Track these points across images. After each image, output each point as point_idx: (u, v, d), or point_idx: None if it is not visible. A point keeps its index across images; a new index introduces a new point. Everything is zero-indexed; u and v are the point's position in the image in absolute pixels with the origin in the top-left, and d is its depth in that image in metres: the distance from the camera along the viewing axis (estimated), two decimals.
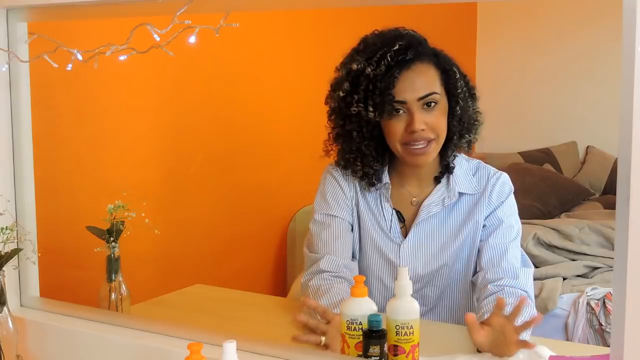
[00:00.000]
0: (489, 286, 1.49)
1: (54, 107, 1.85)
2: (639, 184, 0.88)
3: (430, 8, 3.44)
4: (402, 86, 1.49)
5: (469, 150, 1.63)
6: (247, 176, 2.59)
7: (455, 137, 1.57)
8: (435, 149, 1.53)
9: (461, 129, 1.57)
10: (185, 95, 2.31)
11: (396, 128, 1.51)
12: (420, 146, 1.50)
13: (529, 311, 1.42)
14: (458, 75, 1.55)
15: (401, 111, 1.50)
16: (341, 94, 1.53)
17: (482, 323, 1.30)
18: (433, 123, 1.50)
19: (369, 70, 1.48)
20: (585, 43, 4.09)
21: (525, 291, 1.49)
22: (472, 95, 1.59)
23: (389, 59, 1.48)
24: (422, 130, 1.49)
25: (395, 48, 1.49)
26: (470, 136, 1.59)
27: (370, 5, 2.57)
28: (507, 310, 1.29)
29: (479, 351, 1.33)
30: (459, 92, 1.54)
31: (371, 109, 1.48)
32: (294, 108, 2.78)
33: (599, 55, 4.00)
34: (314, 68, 1.63)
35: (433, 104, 1.50)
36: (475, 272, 1.59)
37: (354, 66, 1.51)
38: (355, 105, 1.50)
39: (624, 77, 0.88)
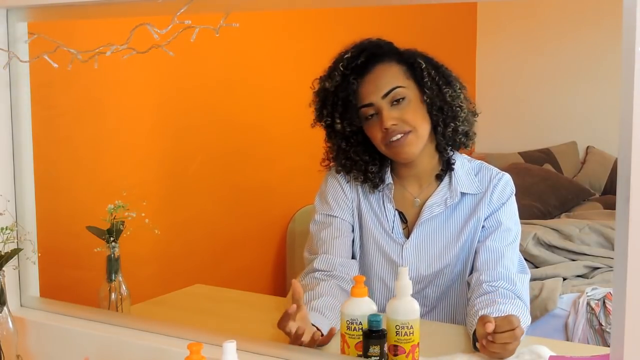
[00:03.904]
0: (483, 285, 1.49)
1: (54, 107, 1.85)
2: (639, 184, 0.88)
3: (430, 8, 3.44)
4: (366, 90, 1.53)
5: (467, 146, 1.61)
6: (246, 176, 2.59)
7: (440, 127, 1.56)
8: (415, 140, 1.53)
9: (444, 117, 1.56)
10: (185, 95, 2.31)
11: (374, 131, 1.54)
12: (396, 138, 1.51)
13: (524, 319, 1.40)
14: (424, 65, 1.55)
15: (373, 114, 1.53)
16: (315, 112, 1.61)
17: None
18: (404, 116, 1.51)
19: (327, 84, 1.56)
20: (585, 43, 4.09)
21: (519, 297, 1.48)
22: (449, 83, 1.57)
23: (341, 68, 1.54)
24: (394, 125, 1.51)
25: (347, 56, 1.55)
26: (457, 125, 1.56)
27: (371, 5, 2.57)
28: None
29: (478, 350, 1.33)
30: (426, 80, 1.54)
31: (338, 120, 1.55)
32: (293, 108, 2.76)
33: (599, 55, 4.00)
34: (314, 69, 1.63)
35: (401, 99, 1.52)
36: (470, 272, 1.59)
37: (316, 84, 1.60)
38: (325, 118, 1.58)
39: (624, 77, 0.88)
